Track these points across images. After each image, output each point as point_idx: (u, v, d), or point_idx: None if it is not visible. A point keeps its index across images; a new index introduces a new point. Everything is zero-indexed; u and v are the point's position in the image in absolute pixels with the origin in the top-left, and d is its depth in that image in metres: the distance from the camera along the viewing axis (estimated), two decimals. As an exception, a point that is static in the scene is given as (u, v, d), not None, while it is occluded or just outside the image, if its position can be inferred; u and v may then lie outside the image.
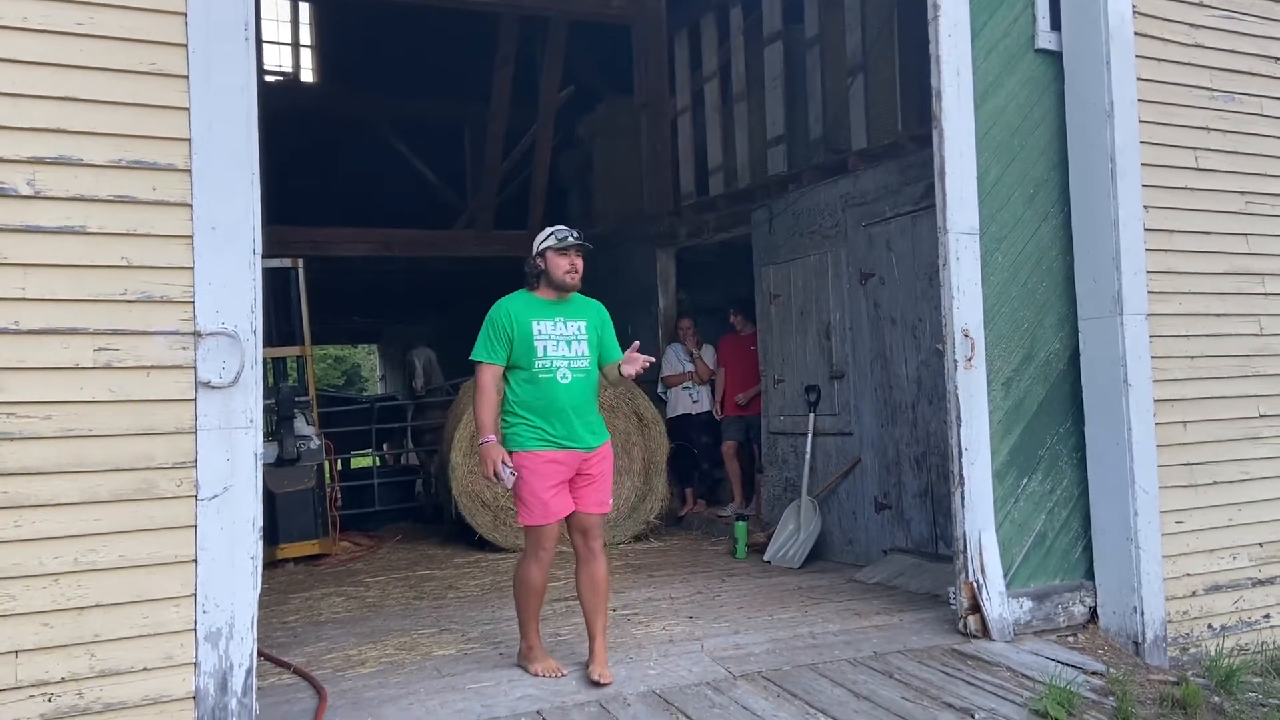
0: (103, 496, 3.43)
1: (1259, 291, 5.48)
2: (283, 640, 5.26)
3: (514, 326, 4.36)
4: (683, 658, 4.64)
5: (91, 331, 3.45)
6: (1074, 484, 5.20)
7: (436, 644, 5.05)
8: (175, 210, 3.56)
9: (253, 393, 3.65)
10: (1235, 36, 5.52)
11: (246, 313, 3.64)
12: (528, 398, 4.36)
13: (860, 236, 6.95)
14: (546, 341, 4.38)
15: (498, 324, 4.38)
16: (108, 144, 3.49)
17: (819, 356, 7.40)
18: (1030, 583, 5.06)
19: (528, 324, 4.37)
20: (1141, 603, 4.93)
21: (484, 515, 7.91)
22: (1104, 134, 5.05)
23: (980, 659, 4.64)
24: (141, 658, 3.45)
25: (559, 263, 4.42)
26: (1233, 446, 5.33)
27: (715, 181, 9.62)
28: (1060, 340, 5.22)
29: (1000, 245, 5.08)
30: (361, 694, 4.24)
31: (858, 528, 7.03)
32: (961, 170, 4.97)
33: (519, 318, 4.38)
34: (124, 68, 3.52)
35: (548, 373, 4.36)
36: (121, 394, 3.47)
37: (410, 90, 13.02)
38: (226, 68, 3.64)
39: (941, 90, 4.94)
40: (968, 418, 4.91)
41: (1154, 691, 4.43)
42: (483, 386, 4.37)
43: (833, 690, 4.22)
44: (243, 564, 3.60)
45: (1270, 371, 5.47)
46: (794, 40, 8.62)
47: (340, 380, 31.75)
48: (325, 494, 8.04)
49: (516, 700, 4.10)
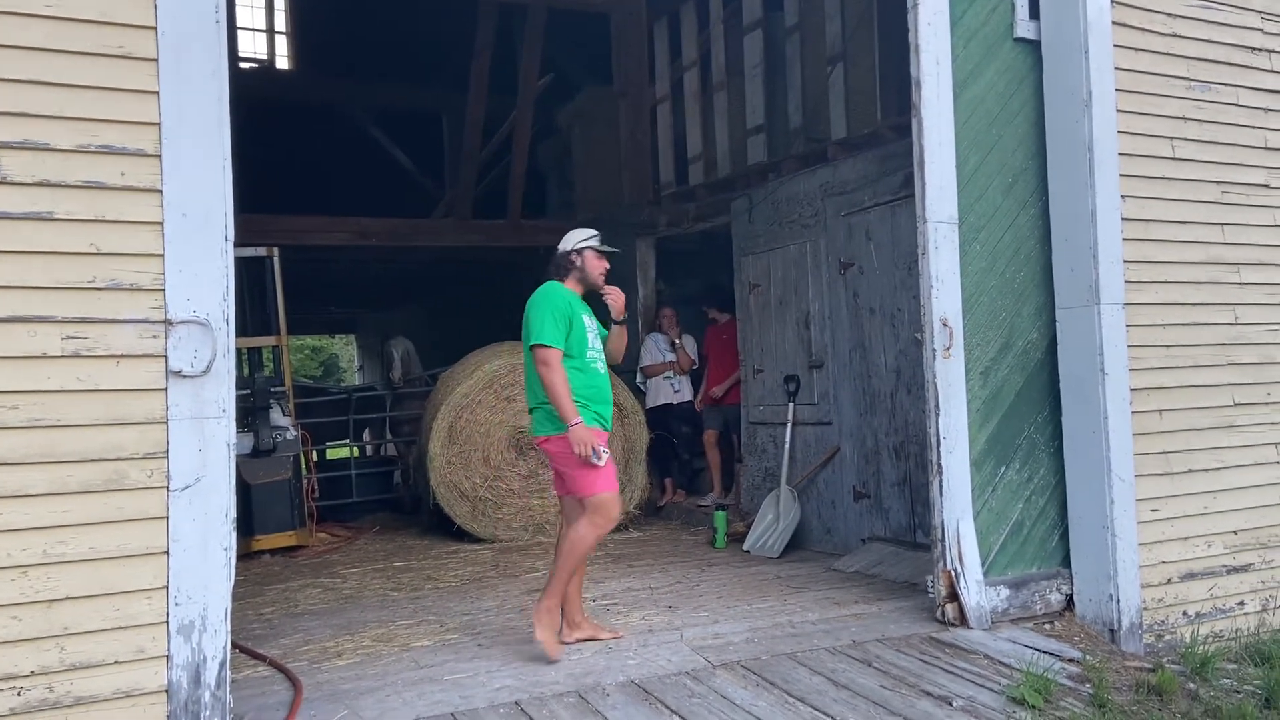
0: (72, 487, 3.38)
1: (1234, 281, 5.52)
2: (259, 632, 5.22)
3: (573, 315, 4.55)
4: (662, 647, 4.63)
5: (59, 320, 3.38)
6: (1051, 472, 5.22)
7: (414, 635, 5.02)
8: (145, 196, 3.50)
9: (225, 382, 3.59)
10: (1212, 26, 5.54)
11: (219, 301, 3.59)
12: (579, 385, 4.51)
13: (840, 226, 6.95)
14: (589, 333, 4.65)
15: (561, 311, 4.51)
16: (75, 128, 3.42)
17: (798, 346, 7.40)
18: (1007, 571, 5.08)
19: (580, 314, 4.60)
20: (1117, 590, 4.96)
21: (462, 506, 7.87)
22: (1082, 123, 5.06)
23: (958, 647, 4.65)
24: (112, 651, 3.40)
25: (597, 265, 4.71)
26: (1208, 435, 5.37)
27: (695, 171, 9.59)
28: (1038, 329, 5.24)
29: (979, 235, 5.09)
30: (338, 686, 4.21)
31: (836, 517, 7.05)
32: (941, 159, 4.97)
33: (575, 307, 4.59)
34: (92, 51, 3.45)
35: (594, 362, 4.64)
36: (91, 383, 3.42)
37: (388, 77, 12.91)
38: (197, 52, 3.57)
39: (921, 79, 4.93)
40: (946, 407, 4.92)
41: (1130, 678, 4.46)
42: (559, 369, 4.44)
43: (811, 679, 4.22)
44: (216, 556, 3.55)
45: (1245, 360, 5.52)
46: (774, 28, 8.60)
47: (318, 371, 31.54)
48: (302, 485, 7.98)
49: (495, 691, 4.07)
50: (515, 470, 8.05)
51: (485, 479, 7.95)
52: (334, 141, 13.01)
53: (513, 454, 8.05)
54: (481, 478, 7.94)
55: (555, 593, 4.53)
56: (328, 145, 12.99)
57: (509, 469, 8.03)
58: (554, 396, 4.43)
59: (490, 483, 7.97)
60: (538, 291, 4.62)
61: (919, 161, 4.97)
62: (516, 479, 8.04)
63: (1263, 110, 5.68)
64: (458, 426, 7.93)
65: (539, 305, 4.54)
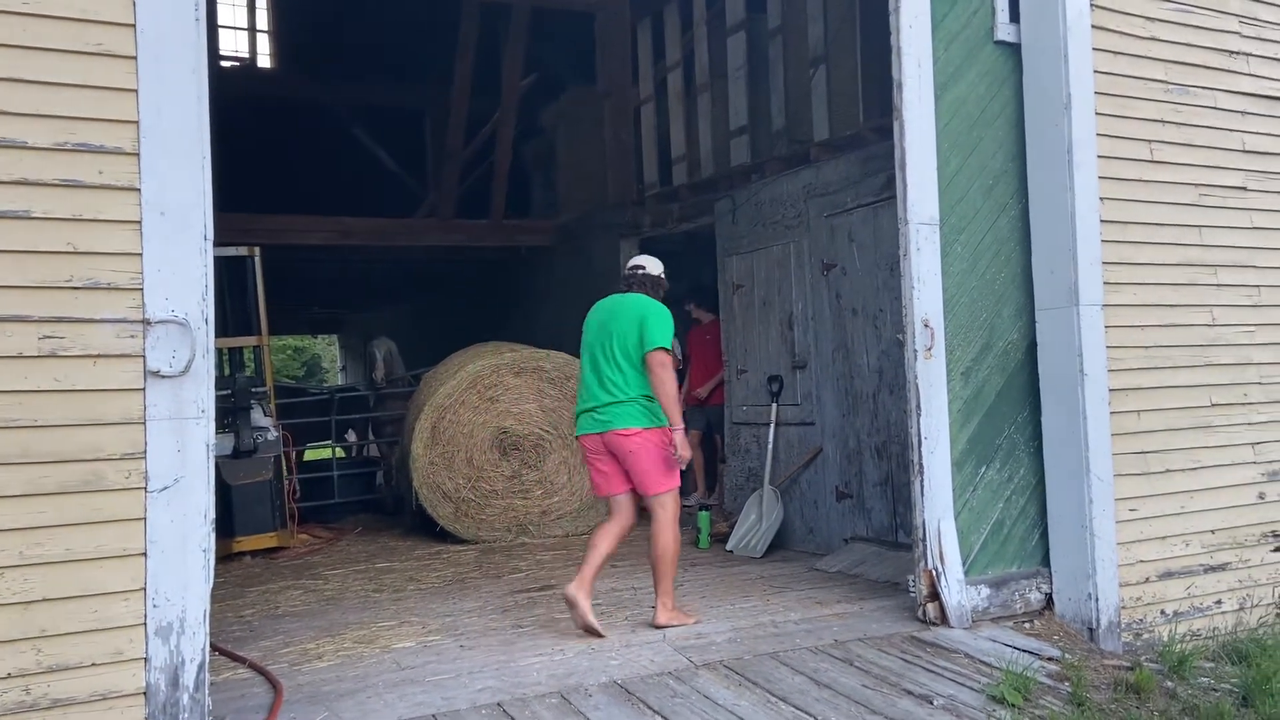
0: (49, 488, 3.34)
1: (1211, 282, 5.57)
2: (239, 634, 5.19)
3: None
4: (645, 648, 4.63)
5: (36, 319, 3.35)
6: (1031, 472, 5.25)
7: (396, 636, 5.00)
8: (123, 195, 3.48)
9: (204, 382, 3.57)
10: (1190, 30, 5.59)
11: (198, 300, 3.57)
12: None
13: (822, 227, 6.97)
14: None
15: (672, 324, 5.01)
16: (53, 126, 3.39)
17: (781, 347, 7.42)
18: (988, 570, 5.11)
19: None
20: (1096, 589, 5.00)
21: (445, 507, 7.85)
22: (1061, 126, 5.10)
23: (939, 646, 4.67)
24: (90, 653, 3.37)
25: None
26: (1185, 435, 5.42)
27: (679, 171, 9.61)
28: (1018, 330, 5.27)
29: (960, 236, 5.12)
30: (319, 688, 4.19)
31: (819, 517, 7.07)
32: (922, 161, 4.99)
33: None
34: (70, 48, 3.42)
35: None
36: (68, 383, 3.39)
37: (371, 76, 12.87)
38: (176, 49, 3.55)
39: (903, 81, 4.96)
40: (927, 407, 4.94)
41: (1108, 676, 4.49)
42: (674, 374, 4.93)
43: (793, 678, 4.23)
44: (194, 557, 3.53)
45: (1222, 361, 5.57)
46: (757, 30, 8.63)
47: (301, 371, 31.39)
48: (283, 486, 7.94)
49: (477, 692, 4.07)
50: (498, 471, 8.03)
51: (468, 480, 7.93)
52: (316, 140, 12.95)
53: (496, 454, 8.04)
54: (465, 478, 7.92)
55: (667, 591, 4.94)
56: (310, 144, 12.93)
57: (492, 470, 8.02)
58: (669, 398, 4.86)
59: (473, 483, 7.95)
60: (649, 302, 5.04)
61: (900, 163, 4.99)
62: (500, 480, 8.03)
63: (1240, 113, 5.73)
64: (441, 427, 7.90)
65: (659, 315, 4.95)
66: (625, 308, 5.02)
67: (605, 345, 4.95)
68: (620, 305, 5.05)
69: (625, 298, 5.10)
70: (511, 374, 8.14)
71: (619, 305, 5.06)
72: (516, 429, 8.09)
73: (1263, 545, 5.62)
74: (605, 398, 4.90)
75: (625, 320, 4.95)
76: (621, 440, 4.86)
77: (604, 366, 4.94)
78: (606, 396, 4.90)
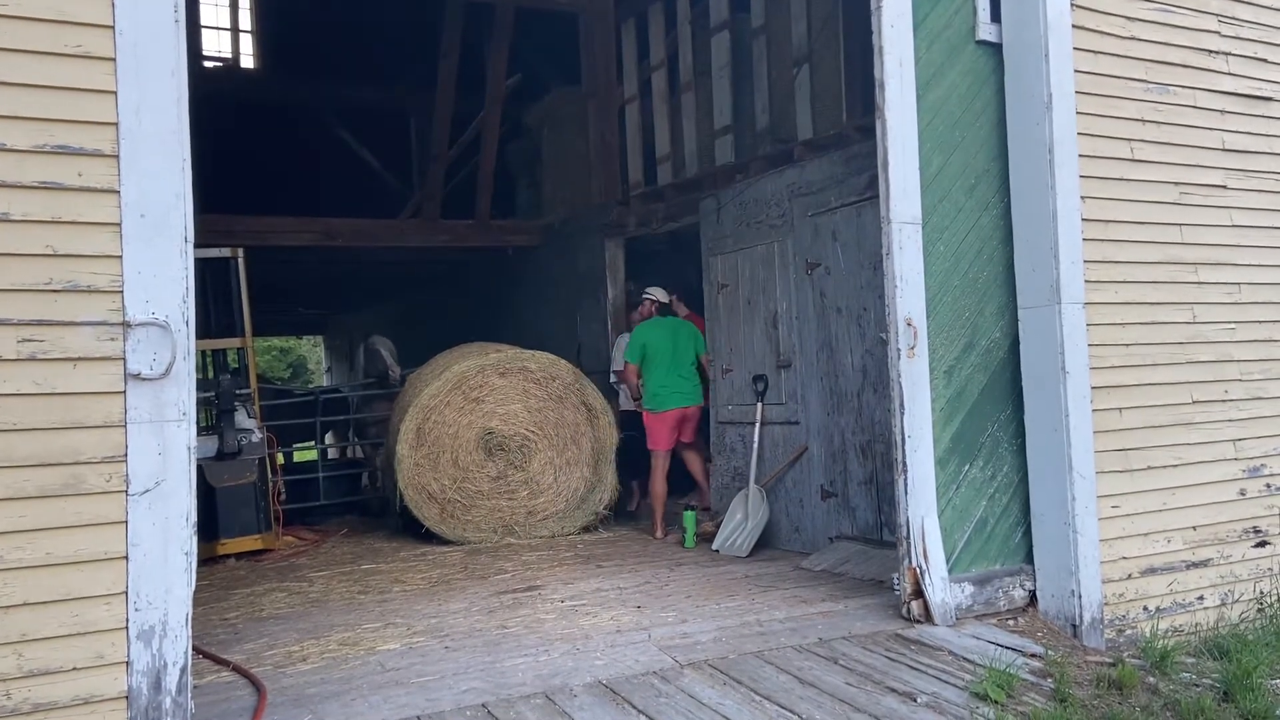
0: (29, 492, 3.33)
1: (1192, 280, 5.61)
2: (223, 637, 5.17)
3: None
4: (630, 648, 4.64)
5: (15, 322, 3.34)
6: (1014, 470, 5.28)
7: (381, 638, 4.99)
8: (102, 197, 3.46)
9: (185, 385, 3.56)
10: (1169, 29, 5.63)
11: (178, 302, 3.55)
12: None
13: (806, 226, 6.99)
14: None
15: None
16: (31, 128, 3.38)
17: (766, 346, 7.43)
18: (972, 568, 5.14)
19: None
20: (1079, 586, 5.03)
21: (431, 508, 7.83)
22: (1043, 125, 5.12)
23: (923, 643, 4.69)
24: (71, 657, 3.36)
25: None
26: (1166, 432, 5.46)
27: (663, 171, 9.61)
28: (1001, 329, 5.30)
29: (942, 235, 5.14)
30: (303, 690, 4.17)
31: (804, 516, 7.09)
32: (905, 161, 5.01)
33: None
34: (49, 50, 3.41)
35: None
36: (47, 386, 3.37)
37: (354, 77, 12.82)
38: (155, 51, 3.53)
39: (885, 81, 4.97)
40: (911, 406, 4.96)
41: (1091, 673, 4.52)
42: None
43: (779, 677, 4.25)
44: (176, 560, 3.51)
45: (1203, 359, 5.61)
46: (741, 30, 8.64)
47: (286, 372, 31.24)
48: (268, 488, 7.91)
49: (461, 694, 4.06)
50: (484, 472, 8.02)
51: (454, 481, 7.91)
52: (300, 141, 12.90)
53: (481, 455, 8.03)
54: (450, 479, 7.90)
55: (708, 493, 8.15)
56: (294, 145, 12.88)
57: (478, 470, 8.01)
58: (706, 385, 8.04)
59: (459, 484, 7.93)
60: (686, 322, 8.22)
61: (883, 162, 5.01)
62: (485, 480, 8.01)
63: (1219, 112, 5.78)
64: (426, 428, 7.89)
65: (696, 330, 8.12)
66: (680, 329, 8.08)
67: (677, 353, 7.94)
68: (677, 327, 8.10)
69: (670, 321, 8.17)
70: (497, 374, 8.14)
71: (676, 326, 8.11)
72: (502, 429, 8.08)
73: (1244, 541, 5.67)
74: (690, 385, 7.97)
75: (684, 338, 8.01)
76: (696, 410, 8.00)
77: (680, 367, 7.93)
78: (692, 383, 7.99)
